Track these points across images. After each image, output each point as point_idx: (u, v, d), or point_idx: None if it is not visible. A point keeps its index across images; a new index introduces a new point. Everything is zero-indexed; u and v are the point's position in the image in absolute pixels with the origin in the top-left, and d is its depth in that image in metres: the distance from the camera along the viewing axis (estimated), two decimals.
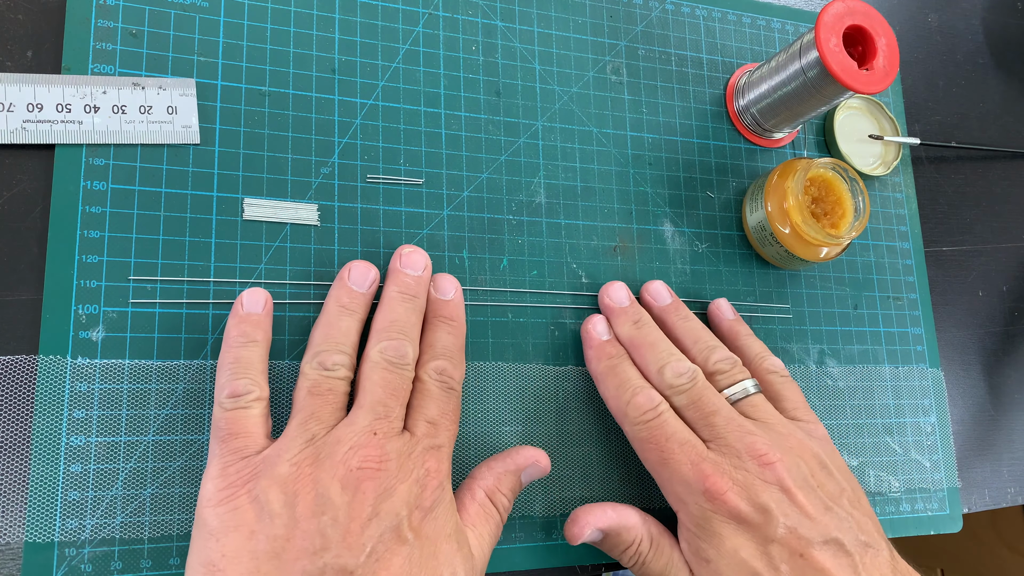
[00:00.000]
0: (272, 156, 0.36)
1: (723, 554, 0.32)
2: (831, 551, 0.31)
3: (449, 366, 0.33)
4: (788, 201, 0.40)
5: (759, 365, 0.38)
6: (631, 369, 0.36)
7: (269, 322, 0.33)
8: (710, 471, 0.32)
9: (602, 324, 0.38)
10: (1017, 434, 0.49)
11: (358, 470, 0.28)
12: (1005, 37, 0.56)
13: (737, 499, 0.32)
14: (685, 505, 0.33)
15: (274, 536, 0.27)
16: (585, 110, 0.42)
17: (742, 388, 0.36)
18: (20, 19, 0.34)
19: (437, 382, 0.32)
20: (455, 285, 0.35)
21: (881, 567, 0.32)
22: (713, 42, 0.46)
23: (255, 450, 0.29)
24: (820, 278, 0.45)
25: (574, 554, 0.37)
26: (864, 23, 0.38)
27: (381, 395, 0.31)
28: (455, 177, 0.39)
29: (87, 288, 0.32)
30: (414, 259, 0.35)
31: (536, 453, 0.35)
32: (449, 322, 0.34)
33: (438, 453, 0.31)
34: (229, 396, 0.30)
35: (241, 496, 0.28)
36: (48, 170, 0.33)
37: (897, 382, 0.45)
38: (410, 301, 0.34)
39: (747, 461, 0.33)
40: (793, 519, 0.32)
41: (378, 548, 0.27)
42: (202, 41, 0.36)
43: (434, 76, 0.40)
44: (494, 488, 0.33)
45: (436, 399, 0.32)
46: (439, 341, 0.34)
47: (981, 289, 0.50)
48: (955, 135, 0.52)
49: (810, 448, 0.34)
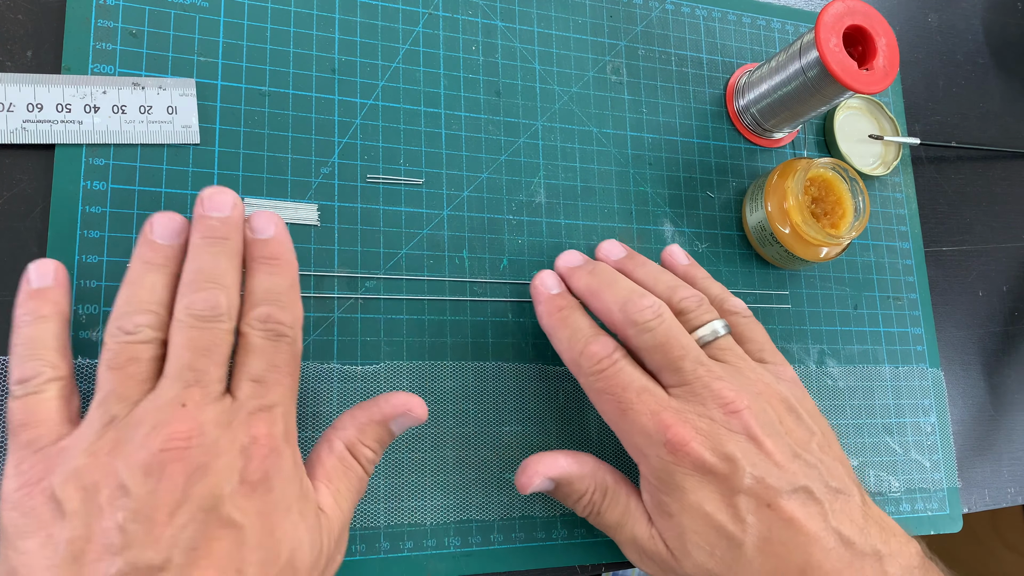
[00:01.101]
0: (272, 156, 0.36)
1: (686, 507, 0.30)
2: (800, 499, 0.30)
3: (275, 310, 0.28)
4: (788, 201, 0.40)
5: (720, 307, 0.36)
6: (583, 319, 0.34)
7: (62, 293, 0.29)
8: (672, 420, 0.30)
9: (551, 278, 0.35)
10: (1017, 434, 0.49)
11: (161, 452, 0.25)
12: (1005, 37, 0.56)
13: (701, 449, 0.30)
14: (646, 457, 0.31)
15: (72, 539, 0.24)
16: (585, 110, 0.42)
17: (711, 329, 0.33)
18: (20, 19, 0.34)
19: (262, 331, 0.28)
20: (274, 221, 0.30)
21: (852, 513, 0.31)
22: (713, 42, 0.46)
23: (51, 440, 0.26)
24: (820, 278, 0.45)
25: (574, 554, 0.37)
26: (864, 23, 0.38)
27: (189, 358, 0.26)
28: (455, 177, 0.39)
29: (87, 288, 0.32)
30: (218, 200, 0.30)
31: (408, 400, 0.31)
32: (271, 261, 0.30)
33: (268, 415, 0.27)
34: (18, 382, 0.27)
35: (36, 496, 0.25)
36: (48, 170, 0.33)
37: (897, 382, 0.45)
38: (218, 244, 0.29)
39: (712, 409, 0.31)
40: (761, 468, 0.30)
41: (193, 536, 0.24)
42: (202, 41, 0.36)
43: (434, 76, 0.40)
44: (355, 440, 0.30)
45: (261, 352, 0.28)
46: (260, 285, 0.29)
47: (981, 289, 0.50)
48: (955, 135, 0.52)
49: (779, 392, 0.32)
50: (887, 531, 0.32)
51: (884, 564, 0.30)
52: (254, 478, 0.26)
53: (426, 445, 0.36)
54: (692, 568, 0.31)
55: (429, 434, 0.36)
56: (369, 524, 0.34)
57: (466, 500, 0.36)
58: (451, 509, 0.35)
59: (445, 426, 0.36)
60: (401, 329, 0.36)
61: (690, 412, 0.31)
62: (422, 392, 0.36)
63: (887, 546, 0.31)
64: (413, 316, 0.37)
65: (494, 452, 0.36)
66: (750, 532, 0.30)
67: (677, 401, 0.31)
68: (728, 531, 0.30)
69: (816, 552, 0.30)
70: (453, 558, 0.35)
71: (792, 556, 0.30)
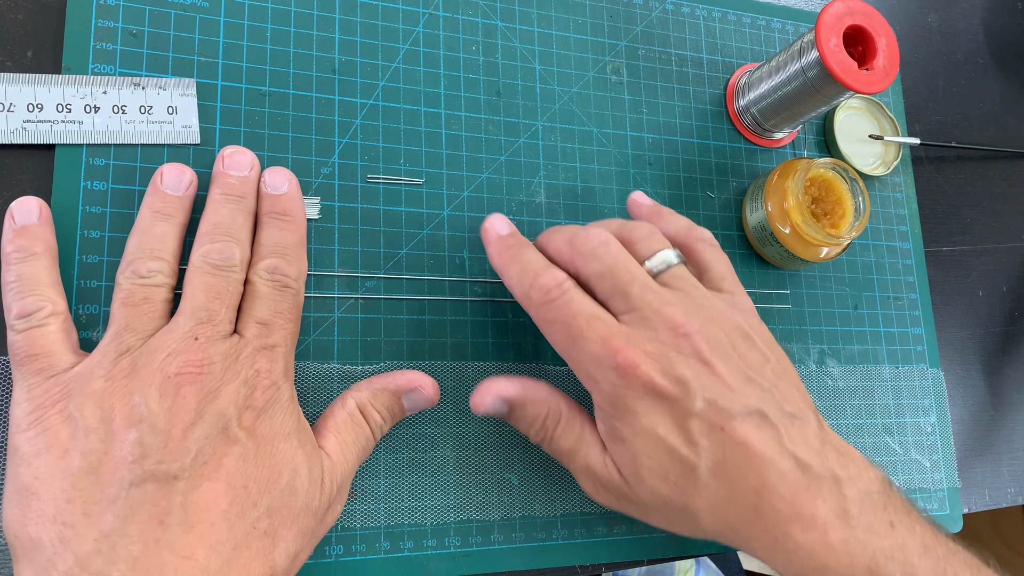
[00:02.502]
0: (272, 156, 0.36)
1: (638, 432, 0.30)
2: (754, 422, 0.30)
3: (282, 263, 0.31)
4: (788, 201, 0.40)
5: (687, 236, 0.36)
6: (533, 254, 0.34)
7: (49, 231, 0.31)
8: (621, 345, 0.30)
9: (501, 221, 0.35)
10: (1017, 434, 0.49)
11: (176, 376, 0.27)
12: (1005, 37, 0.56)
13: (651, 372, 0.30)
14: (597, 384, 0.31)
15: (90, 451, 0.26)
16: (585, 110, 0.42)
17: (662, 259, 0.33)
18: (20, 19, 0.34)
19: (269, 281, 0.30)
20: (287, 178, 0.33)
21: (808, 437, 0.31)
22: (713, 42, 0.46)
23: (63, 367, 0.28)
24: (820, 278, 0.45)
25: (574, 554, 0.37)
26: (864, 23, 0.39)
27: (203, 299, 0.29)
28: (455, 177, 0.39)
29: (87, 288, 0.32)
30: (238, 159, 0.33)
31: (421, 378, 0.33)
32: (282, 217, 0.32)
33: (271, 353, 0.29)
34: (18, 317, 0.28)
35: (52, 416, 0.27)
36: (48, 170, 0.33)
37: (897, 382, 0.45)
38: (235, 202, 0.32)
39: (662, 332, 0.30)
40: (712, 391, 0.30)
41: (205, 450, 0.27)
42: (202, 41, 0.36)
43: (434, 76, 0.40)
44: (367, 401, 0.32)
45: (267, 299, 0.30)
46: (270, 239, 0.31)
47: (981, 289, 0.50)
48: (955, 135, 0.52)
49: (732, 319, 0.32)
50: (845, 456, 0.31)
51: (842, 487, 0.30)
52: (257, 405, 0.28)
53: (426, 445, 0.36)
54: (646, 494, 0.31)
55: (429, 434, 0.36)
56: (369, 524, 0.34)
57: (466, 500, 0.36)
58: (451, 509, 0.35)
59: (445, 426, 0.36)
60: (401, 329, 0.36)
61: (640, 336, 0.30)
62: None
63: (845, 470, 0.31)
64: (413, 316, 0.37)
65: (494, 452, 0.36)
66: (704, 456, 0.30)
67: (627, 327, 0.31)
68: (681, 454, 0.30)
69: (771, 475, 0.29)
70: (453, 558, 0.35)
71: (747, 479, 0.29)
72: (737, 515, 0.30)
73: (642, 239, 0.33)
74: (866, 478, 0.31)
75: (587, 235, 0.33)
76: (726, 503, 0.30)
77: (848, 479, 0.30)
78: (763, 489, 0.29)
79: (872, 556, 0.30)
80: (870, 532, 0.30)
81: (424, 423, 0.36)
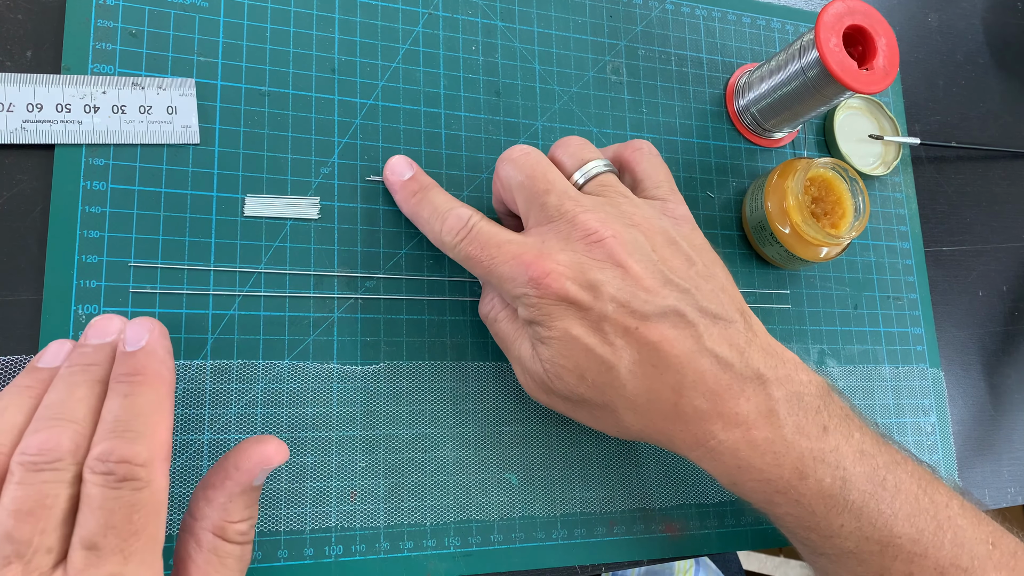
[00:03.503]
0: (272, 156, 0.36)
1: (556, 334, 0.30)
2: (669, 322, 0.30)
3: (120, 445, 0.23)
4: (788, 201, 0.40)
5: (623, 148, 0.35)
6: (440, 195, 0.34)
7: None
8: (531, 258, 0.30)
9: (402, 163, 0.35)
10: (1017, 434, 0.49)
11: None
12: (1005, 37, 0.56)
13: (563, 280, 0.29)
14: (518, 301, 0.31)
15: None
16: (585, 110, 0.42)
17: (588, 168, 0.33)
18: (20, 19, 0.34)
19: (100, 477, 0.22)
20: (148, 328, 0.26)
21: (732, 337, 0.30)
22: (713, 42, 0.46)
23: None
24: (820, 278, 0.45)
25: (574, 554, 0.37)
26: (864, 23, 0.38)
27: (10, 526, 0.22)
28: (455, 177, 0.39)
29: (87, 288, 0.32)
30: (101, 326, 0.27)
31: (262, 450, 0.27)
32: (129, 379, 0.25)
33: None
34: None
35: None
36: (48, 170, 0.33)
37: (897, 382, 0.45)
38: (80, 373, 0.25)
39: (575, 241, 0.30)
40: (625, 293, 0.29)
41: None
42: (202, 41, 0.36)
43: (434, 76, 0.40)
44: (221, 523, 0.27)
45: (97, 507, 0.22)
46: (108, 413, 0.24)
47: (981, 289, 0.50)
48: (955, 135, 0.52)
49: (658, 225, 0.32)
50: (775, 356, 0.31)
51: (768, 387, 0.30)
52: None
53: (426, 445, 0.36)
54: (566, 390, 0.31)
55: (429, 434, 0.36)
56: (369, 524, 0.34)
57: (466, 500, 0.36)
58: (451, 509, 0.35)
59: (445, 426, 0.36)
60: (401, 329, 0.36)
61: (553, 248, 0.30)
62: (422, 392, 0.36)
63: (773, 371, 0.30)
64: (413, 316, 0.37)
65: (494, 452, 0.36)
66: (621, 356, 0.30)
67: (539, 239, 0.31)
68: (598, 354, 0.30)
69: (688, 373, 0.29)
70: (453, 558, 0.35)
71: (664, 377, 0.30)
72: (659, 413, 0.30)
73: (571, 152, 0.33)
74: (797, 380, 0.31)
75: (511, 148, 0.33)
76: (646, 402, 0.30)
77: (776, 380, 0.30)
78: (681, 387, 0.30)
79: (799, 457, 0.29)
80: (798, 433, 0.30)
81: (424, 423, 0.36)
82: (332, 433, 0.34)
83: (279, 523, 0.33)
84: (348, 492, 0.34)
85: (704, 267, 0.32)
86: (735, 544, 0.39)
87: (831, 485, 0.30)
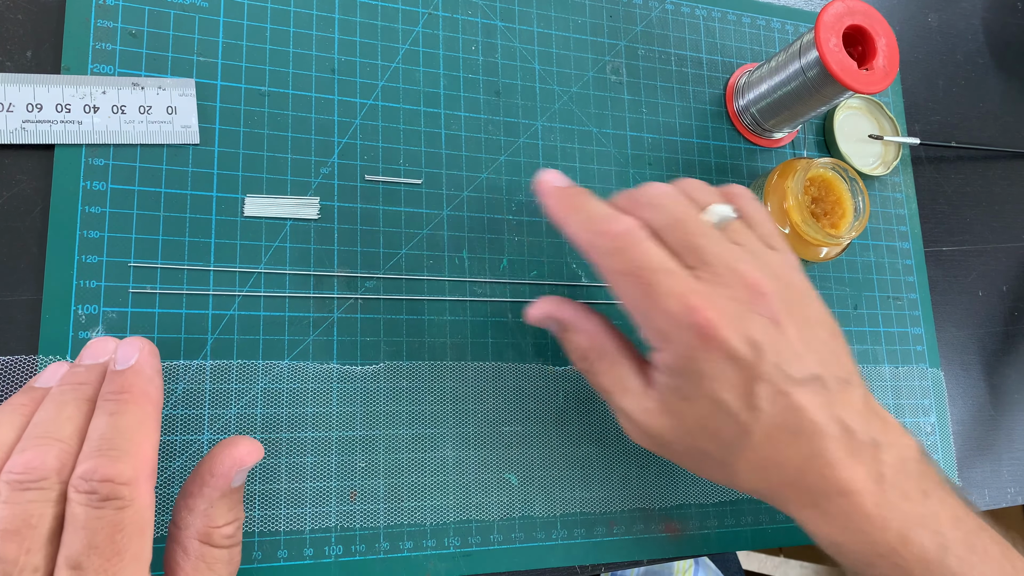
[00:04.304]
0: (272, 156, 0.36)
1: (704, 393, 0.29)
2: (813, 388, 0.29)
3: (103, 463, 0.23)
4: (788, 201, 0.40)
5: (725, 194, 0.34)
6: (597, 202, 0.32)
7: None
8: (699, 303, 0.28)
9: (556, 175, 0.33)
10: (1017, 434, 0.49)
11: None
12: (1005, 37, 0.56)
13: (729, 334, 0.28)
14: (669, 342, 0.29)
15: None
16: (585, 110, 0.42)
17: (719, 212, 0.31)
18: (20, 19, 0.34)
19: (84, 496, 0.22)
20: (138, 347, 0.26)
21: (855, 403, 0.30)
22: (713, 42, 0.46)
23: None
24: (820, 278, 0.45)
25: (574, 554, 0.37)
26: (864, 23, 0.38)
27: None
28: (455, 177, 0.39)
29: (87, 288, 0.32)
30: (95, 348, 0.27)
31: (233, 453, 0.27)
32: (115, 397, 0.25)
33: None
34: None
35: None
36: (48, 170, 0.33)
37: (897, 382, 0.45)
38: (70, 392, 0.25)
39: (739, 291, 0.29)
40: (782, 355, 0.29)
41: None
42: (202, 41, 0.36)
43: (434, 76, 0.40)
44: (206, 529, 0.26)
45: (81, 525, 0.22)
46: (94, 432, 0.24)
47: (981, 289, 0.50)
48: (955, 135, 0.52)
49: (795, 279, 0.31)
50: (883, 420, 0.31)
51: (881, 452, 0.30)
52: None
53: (426, 445, 0.36)
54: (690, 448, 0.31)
55: (429, 434, 0.36)
56: (369, 524, 0.34)
57: (466, 500, 0.36)
58: (451, 509, 0.35)
59: (445, 426, 0.36)
60: (401, 329, 0.36)
61: (717, 295, 0.29)
62: (422, 392, 0.36)
63: (885, 436, 0.31)
64: (413, 316, 0.37)
65: (494, 452, 0.36)
66: (761, 420, 0.29)
67: (702, 283, 0.29)
68: (740, 419, 0.29)
69: (820, 441, 0.29)
70: (453, 558, 0.35)
71: (798, 444, 0.29)
72: (780, 477, 0.30)
73: (695, 192, 0.32)
74: (903, 444, 0.31)
75: (647, 186, 0.31)
76: (772, 465, 0.30)
77: (887, 444, 0.30)
78: (811, 455, 0.29)
79: (904, 521, 0.30)
80: (904, 498, 0.30)
81: (424, 423, 0.36)
82: (332, 433, 0.34)
83: (279, 523, 0.33)
84: (348, 492, 0.34)
85: (832, 326, 0.32)
86: (735, 544, 0.39)
87: (932, 551, 0.30)
